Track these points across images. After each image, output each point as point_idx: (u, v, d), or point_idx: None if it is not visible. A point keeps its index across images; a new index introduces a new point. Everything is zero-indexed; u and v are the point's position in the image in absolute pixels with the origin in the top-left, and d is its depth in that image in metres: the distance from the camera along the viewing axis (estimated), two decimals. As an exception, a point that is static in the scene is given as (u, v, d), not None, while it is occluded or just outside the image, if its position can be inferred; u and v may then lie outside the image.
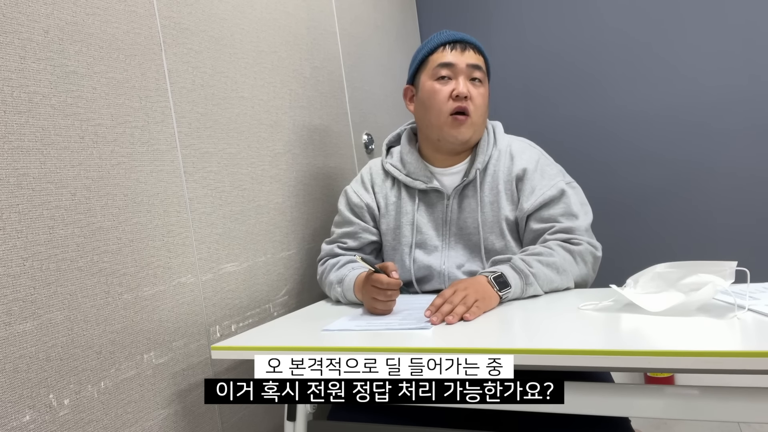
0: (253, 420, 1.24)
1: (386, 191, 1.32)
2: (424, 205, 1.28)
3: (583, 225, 1.16)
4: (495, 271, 1.04)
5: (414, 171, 1.27)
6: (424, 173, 1.26)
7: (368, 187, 1.34)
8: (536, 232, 1.17)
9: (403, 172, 1.29)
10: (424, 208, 1.28)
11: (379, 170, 1.35)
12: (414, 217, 1.27)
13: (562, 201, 1.17)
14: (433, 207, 1.27)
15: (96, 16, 0.94)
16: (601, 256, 1.16)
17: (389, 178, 1.33)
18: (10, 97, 0.79)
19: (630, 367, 0.68)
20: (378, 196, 1.33)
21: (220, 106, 1.22)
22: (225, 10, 1.26)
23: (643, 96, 2.16)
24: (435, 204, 1.27)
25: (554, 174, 1.21)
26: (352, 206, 1.33)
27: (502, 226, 1.20)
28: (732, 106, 2.05)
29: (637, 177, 2.19)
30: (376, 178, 1.34)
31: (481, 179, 1.23)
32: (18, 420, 0.77)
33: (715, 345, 0.66)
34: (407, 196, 1.29)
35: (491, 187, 1.23)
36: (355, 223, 1.32)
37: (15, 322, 0.78)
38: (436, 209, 1.27)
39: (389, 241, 1.30)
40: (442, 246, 1.25)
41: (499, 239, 1.20)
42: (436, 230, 1.26)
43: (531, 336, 0.79)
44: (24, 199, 0.80)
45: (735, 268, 0.80)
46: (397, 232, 1.29)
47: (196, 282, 1.11)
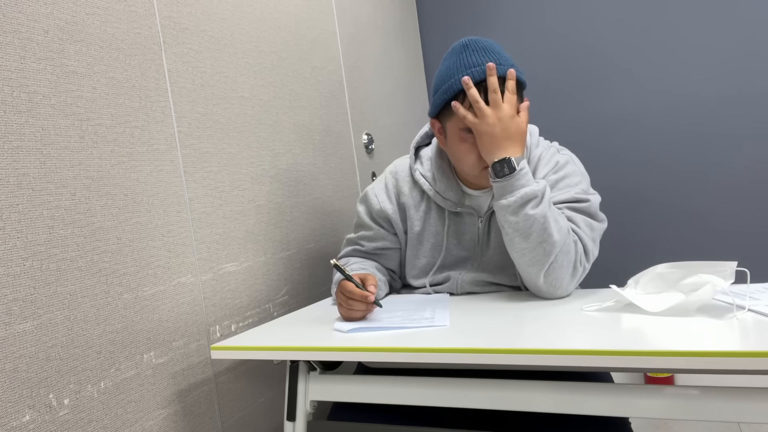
0: (253, 420, 1.24)
1: (414, 201, 1.21)
2: (455, 225, 1.18)
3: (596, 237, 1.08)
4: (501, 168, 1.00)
5: (445, 190, 1.16)
6: (456, 194, 1.16)
7: (391, 195, 1.23)
8: None
9: (434, 188, 1.17)
10: (455, 229, 1.18)
11: (407, 176, 1.22)
12: (444, 239, 1.18)
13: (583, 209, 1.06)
14: (463, 226, 1.17)
15: (96, 16, 0.94)
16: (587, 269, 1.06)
17: (417, 188, 1.21)
18: (10, 97, 0.79)
19: (630, 367, 0.68)
20: (404, 207, 1.21)
21: (220, 106, 1.22)
22: (225, 10, 1.26)
23: (644, 96, 2.16)
24: (466, 223, 1.17)
25: (575, 181, 1.09)
26: (372, 213, 1.24)
27: None
28: (733, 106, 2.04)
29: (637, 177, 2.19)
30: (403, 185, 1.22)
31: None
32: (18, 420, 0.77)
33: (714, 345, 0.66)
34: (436, 213, 1.19)
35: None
36: (374, 228, 1.24)
37: (15, 322, 0.78)
38: (466, 229, 1.17)
39: (413, 247, 1.22)
40: (471, 265, 1.18)
41: None
42: (465, 250, 1.18)
43: (532, 336, 0.79)
44: (24, 199, 0.80)
45: (735, 269, 0.80)
46: (418, 248, 1.21)
47: (195, 282, 1.11)
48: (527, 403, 0.81)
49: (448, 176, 1.17)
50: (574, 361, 0.70)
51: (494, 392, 0.83)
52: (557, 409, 0.79)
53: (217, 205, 1.19)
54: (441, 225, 1.18)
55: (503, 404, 0.82)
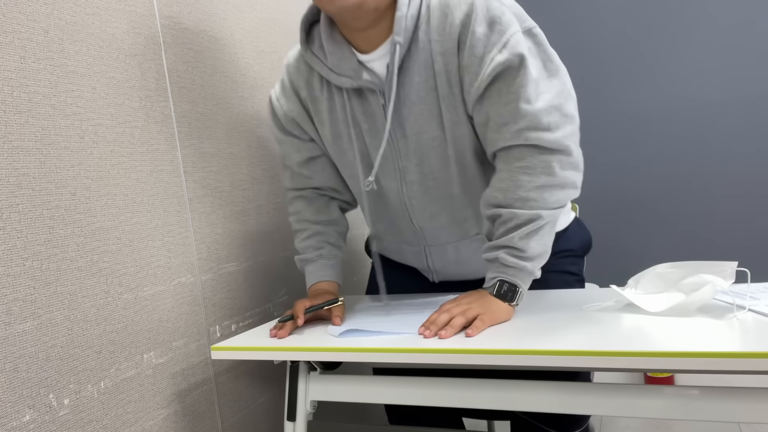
0: (253, 420, 1.24)
1: (313, 92, 1.01)
2: (361, 107, 0.96)
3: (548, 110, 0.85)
4: (493, 278, 0.91)
5: (338, 63, 0.94)
6: (350, 64, 0.93)
7: (290, 95, 1.04)
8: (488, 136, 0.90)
9: (326, 64, 0.95)
10: (361, 111, 0.97)
11: (301, 65, 1.02)
12: (350, 130, 0.98)
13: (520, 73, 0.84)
14: (370, 108, 0.96)
15: (96, 16, 0.94)
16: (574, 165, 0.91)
17: (314, 75, 1.01)
18: (10, 97, 0.79)
19: (630, 367, 0.68)
20: (306, 103, 1.03)
21: (220, 106, 1.22)
22: (225, 9, 1.26)
23: (644, 97, 2.16)
24: (371, 104, 0.95)
25: (508, 23, 0.84)
26: (282, 122, 1.07)
27: (442, 122, 0.92)
28: (734, 106, 2.04)
29: (637, 177, 2.19)
30: (297, 78, 1.02)
31: (411, 57, 0.90)
32: (18, 420, 0.77)
33: (715, 345, 0.66)
34: (338, 97, 0.98)
35: (425, 65, 0.90)
36: (288, 140, 1.08)
37: (15, 322, 0.78)
38: (374, 112, 0.96)
39: (337, 158, 1.06)
40: (395, 167, 1.00)
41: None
42: (381, 142, 0.95)
43: (532, 337, 0.79)
44: (24, 199, 0.80)
45: (736, 269, 0.80)
46: (340, 157, 1.04)
47: (196, 282, 1.11)
48: (527, 403, 0.81)
49: (340, 43, 0.94)
50: (575, 362, 0.70)
51: (494, 392, 0.83)
52: (557, 409, 0.79)
53: (217, 205, 1.18)
54: (344, 111, 0.98)
55: (503, 404, 0.82)
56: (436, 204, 1.03)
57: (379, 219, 1.14)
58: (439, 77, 0.89)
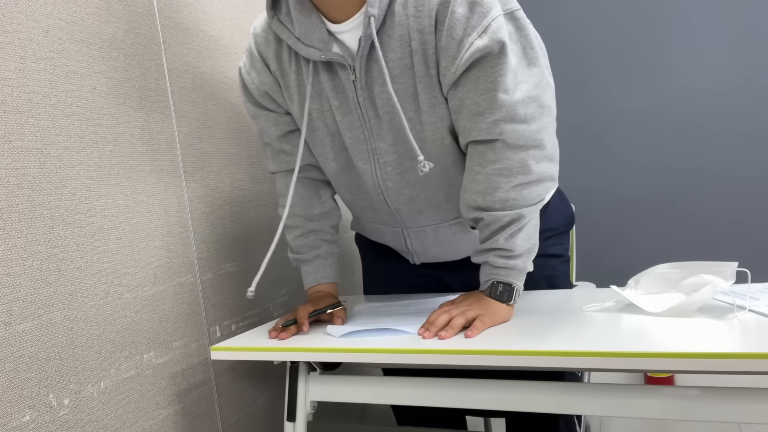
0: (252, 420, 1.24)
1: (282, 65, 0.95)
2: (331, 83, 0.92)
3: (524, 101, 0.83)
4: (487, 280, 0.91)
5: (306, 32, 0.88)
6: (319, 35, 0.88)
7: (260, 67, 0.98)
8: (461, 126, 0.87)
9: (294, 34, 0.89)
10: (331, 87, 0.92)
11: (269, 34, 0.96)
12: (320, 105, 0.94)
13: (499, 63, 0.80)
14: (340, 83, 0.91)
15: (96, 16, 0.94)
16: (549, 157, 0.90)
17: (282, 46, 0.95)
18: (10, 97, 0.79)
19: (630, 368, 0.68)
20: (275, 74, 0.97)
21: (220, 106, 1.22)
22: (225, 10, 1.26)
23: (644, 97, 2.16)
24: (342, 79, 0.90)
25: (490, 4, 0.80)
26: (254, 97, 1.01)
27: (419, 103, 0.88)
28: (733, 107, 2.04)
29: (637, 177, 2.19)
30: (264, 47, 0.96)
31: (386, 31, 0.85)
32: (18, 420, 0.77)
33: (715, 346, 0.66)
34: (306, 70, 0.92)
35: (401, 42, 0.84)
36: (261, 116, 1.02)
37: (15, 322, 0.78)
38: (345, 88, 0.91)
39: (308, 136, 0.99)
40: (368, 148, 0.96)
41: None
42: (353, 126, 0.93)
43: (532, 337, 0.79)
44: (24, 199, 0.80)
45: (736, 269, 0.80)
46: (312, 134, 0.99)
47: (195, 282, 1.11)
48: (527, 403, 0.81)
49: (309, 11, 0.87)
50: (575, 363, 0.70)
51: (494, 392, 0.83)
52: (558, 409, 0.80)
53: (217, 205, 1.18)
54: (313, 88, 0.93)
55: (503, 404, 0.82)
56: (414, 187, 0.99)
57: (355, 201, 1.10)
58: (416, 55, 0.85)
